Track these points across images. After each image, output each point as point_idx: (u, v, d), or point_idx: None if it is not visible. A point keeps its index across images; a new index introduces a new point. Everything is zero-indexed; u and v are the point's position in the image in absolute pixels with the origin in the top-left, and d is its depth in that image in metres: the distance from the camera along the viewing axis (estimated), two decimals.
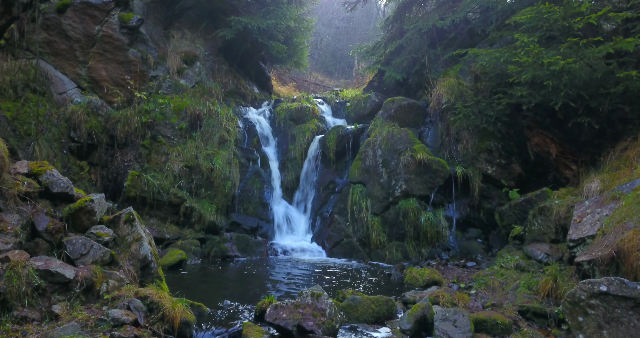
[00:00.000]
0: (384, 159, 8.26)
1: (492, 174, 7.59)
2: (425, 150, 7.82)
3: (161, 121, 9.70)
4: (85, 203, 4.95)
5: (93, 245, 4.70)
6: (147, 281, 5.14)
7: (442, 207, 7.81)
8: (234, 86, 12.55)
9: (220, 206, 9.38)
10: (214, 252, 8.01)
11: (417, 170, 7.74)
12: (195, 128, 9.99)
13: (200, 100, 10.47)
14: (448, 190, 7.81)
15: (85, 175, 9.20)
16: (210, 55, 12.25)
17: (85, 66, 10.11)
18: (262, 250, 8.29)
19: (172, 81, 10.67)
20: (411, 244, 7.51)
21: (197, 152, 9.60)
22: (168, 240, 8.36)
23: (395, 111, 8.98)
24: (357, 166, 8.87)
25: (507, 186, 7.51)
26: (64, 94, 9.85)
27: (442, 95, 8.28)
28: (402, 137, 8.14)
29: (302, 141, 10.49)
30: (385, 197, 8.00)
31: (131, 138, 9.39)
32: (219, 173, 9.38)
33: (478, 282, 5.26)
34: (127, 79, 9.59)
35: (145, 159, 9.34)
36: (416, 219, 7.50)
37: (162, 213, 8.89)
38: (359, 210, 8.31)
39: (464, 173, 7.62)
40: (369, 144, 8.76)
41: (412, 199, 7.66)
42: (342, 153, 9.94)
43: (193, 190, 9.25)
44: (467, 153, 7.77)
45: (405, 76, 10.21)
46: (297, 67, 15.45)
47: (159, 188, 8.72)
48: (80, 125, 9.02)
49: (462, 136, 7.82)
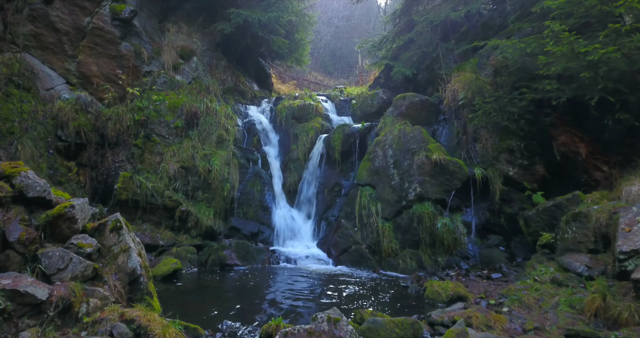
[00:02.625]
0: (396, 160, 7.67)
1: (514, 176, 7.00)
2: (441, 150, 7.23)
3: (155, 119, 9.08)
4: (64, 209, 4.32)
5: (72, 258, 4.08)
6: (136, 298, 4.52)
7: (460, 212, 7.21)
8: (232, 82, 11.95)
9: (218, 210, 8.77)
10: (211, 260, 7.39)
11: (432, 172, 7.15)
12: (191, 127, 9.37)
13: (197, 97, 9.86)
14: (465, 193, 7.22)
15: (74, 177, 8.56)
16: (208, 50, 11.64)
17: (75, 61, 9.49)
18: (264, 258, 7.67)
19: (167, 76, 10.05)
20: (427, 252, 6.91)
21: (194, 152, 8.99)
22: (162, 247, 7.74)
23: (407, 108, 8.38)
24: (366, 167, 8.27)
25: (530, 189, 6.93)
26: (52, 90, 9.21)
27: (458, 91, 7.70)
28: (416, 136, 7.54)
29: (306, 140, 9.89)
30: (398, 201, 7.40)
31: (123, 136, 8.77)
32: (217, 175, 8.77)
33: (510, 298, 4.66)
34: (119, 73, 8.96)
35: (138, 160, 8.71)
36: (432, 225, 6.91)
37: (156, 218, 8.26)
38: (368, 215, 7.70)
39: (483, 174, 7.03)
40: (379, 143, 8.17)
41: (427, 203, 7.07)
42: (348, 153, 9.35)
43: (189, 193, 8.64)
44: (486, 153, 7.18)
45: (415, 71, 9.62)
46: (298, 64, 14.87)
47: (153, 190, 8.10)
48: (67, 123, 8.38)
49: (480, 135, 7.23)
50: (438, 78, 8.87)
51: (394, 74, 10.01)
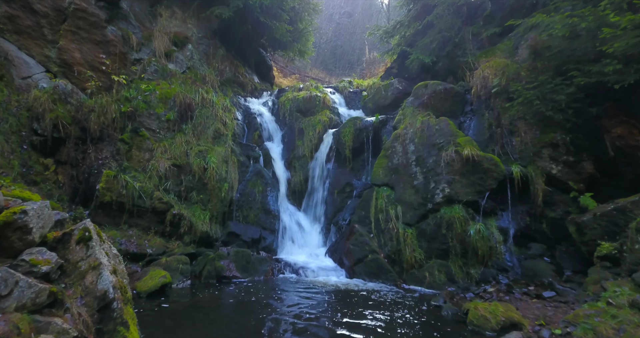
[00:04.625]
0: (418, 156, 6.70)
1: (557, 175, 6.03)
2: (472, 144, 6.26)
3: (144, 111, 8.10)
4: (13, 216, 3.34)
5: (19, 280, 3.10)
6: (107, 330, 3.55)
7: (494, 216, 6.23)
8: (231, 73, 10.96)
9: (215, 213, 7.79)
10: (207, 272, 6.41)
11: (463, 170, 6.18)
12: (185, 120, 8.39)
13: (192, 87, 8.88)
14: (500, 195, 6.25)
15: (51, 176, 7.55)
16: (204, 37, 10.65)
17: (55, 47, 8.48)
18: (267, 269, 6.69)
19: (158, 65, 9.06)
20: (457, 263, 5.94)
21: (188, 148, 8.01)
22: (150, 256, 6.75)
23: (429, 97, 7.41)
24: (382, 165, 7.29)
25: (576, 190, 5.96)
26: (29, 79, 8.20)
27: (489, 77, 6.73)
28: (442, 128, 6.57)
29: (312, 135, 8.91)
30: (422, 203, 6.43)
31: (107, 130, 7.78)
32: (213, 173, 7.79)
33: (581, 327, 3.69)
34: (102, 58, 7.96)
35: (125, 157, 7.73)
36: (463, 231, 5.94)
37: (144, 222, 7.27)
38: (387, 219, 6.73)
39: (522, 173, 6.06)
40: (398, 137, 7.19)
41: (457, 206, 6.10)
42: (359, 149, 8.38)
43: (182, 194, 7.65)
44: (525, 148, 6.21)
45: (435, 59, 8.66)
46: (301, 55, 13.90)
47: (140, 191, 7.11)
48: (44, 114, 7.38)
49: (518, 127, 6.26)
50: (462, 65, 7.91)
51: (409, 62, 9.04)
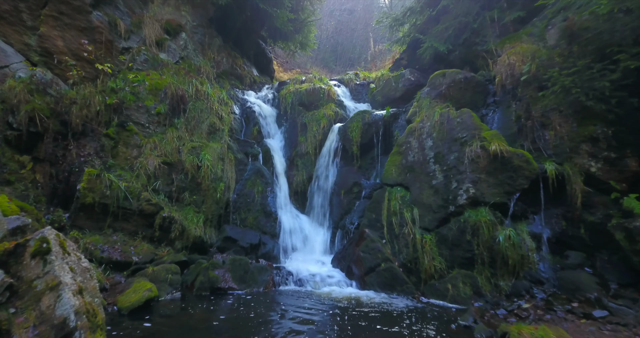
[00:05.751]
0: (437, 153, 5.97)
1: (597, 174, 5.30)
2: (500, 139, 5.53)
3: (132, 103, 7.37)
4: None
5: None
6: None
7: (525, 220, 5.51)
8: (228, 65, 10.23)
9: (209, 216, 7.06)
10: (199, 282, 5.68)
11: (489, 167, 5.46)
12: (177, 113, 7.66)
13: (185, 78, 8.14)
14: (532, 196, 5.53)
15: (28, 174, 6.81)
16: (200, 26, 9.91)
17: (36, 34, 7.75)
18: (267, 279, 5.96)
19: (148, 54, 8.33)
20: (484, 274, 5.21)
21: (180, 144, 7.28)
22: (136, 265, 6.02)
23: (447, 87, 6.68)
24: (395, 163, 6.57)
25: (618, 190, 5.24)
26: (6, 69, 7.46)
27: (515, 64, 6.01)
28: (465, 121, 5.84)
29: (316, 131, 8.19)
30: (442, 205, 5.70)
31: (91, 124, 7.05)
32: (207, 172, 7.06)
33: None
34: (85, 44, 7.23)
35: (110, 154, 7.00)
36: (490, 237, 5.21)
37: (130, 226, 6.54)
38: (401, 223, 6.01)
39: (557, 171, 5.34)
40: (413, 132, 6.46)
41: (484, 208, 5.37)
42: (368, 145, 7.65)
43: (173, 195, 6.93)
44: (560, 143, 5.49)
45: (451, 47, 7.93)
46: (302, 48, 13.17)
47: (126, 191, 6.38)
48: (19, 106, 6.65)
49: (551, 120, 5.53)
50: (480, 54, 7.20)
51: (422, 51, 8.31)
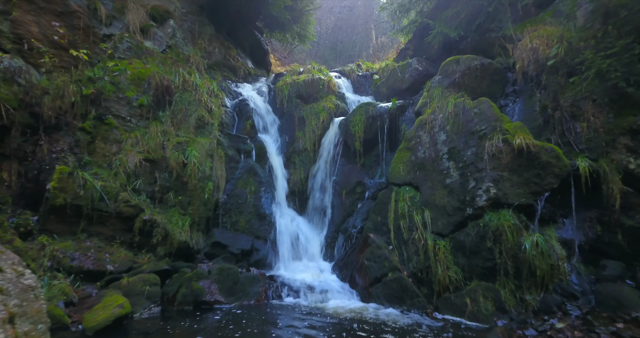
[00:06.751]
0: (452, 148, 5.29)
1: (636, 171, 4.62)
2: (525, 131, 4.84)
3: (112, 94, 6.67)
4: None
5: None
6: None
7: (554, 224, 4.81)
8: (221, 56, 9.53)
9: (196, 219, 6.38)
10: (181, 295, 4.99)
11: (513, 164, 4.77)
12: (162, 106, 6.97)
13: (172, 68, 7.45)
14: (561, 196, 4.84)
15: None
16: (190, 13, 9.22)
17: (8, 19, 7.03)
18: (258, 290, 5.27)
19: (132, 41, 7.63)
20: (508, 286, 4.53)
21: (164, 139, 6.59)
22: (111, 274, 5.34)
23: (462, 75, 5.99)
24: (403, 159, 5.88)
25: None
26: None
27: (539, 49, 5.32)
28: (483, 111, 5.14)
29: (315, 125, 7.50)
30: (458, 208, 5.01)
31: (65, 117, 6.35)
32: (194, 170, 6.38)
33: None
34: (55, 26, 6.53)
35: (86, 150, 6.30)
36: (515, 244, 4.53)
37: (107, 231, 5.85)
38: (410, 227, 5.32)
39: (591, 168, 4.65)
40: (423, 125, 5.77)
41: (507, 211, 4.68)
42: (372, 141, 6.97)
43: (156, 195, 6.24)
44: (594, 136, 4.80)
45: (463, 33, 7.24)
46: (300, 40, 12.47)
47: (102, 191, 5.69)
48: None
49: (583, 110, 4.85)
50: (495, 42, 6.51)
51: (430, 39, 7.62)
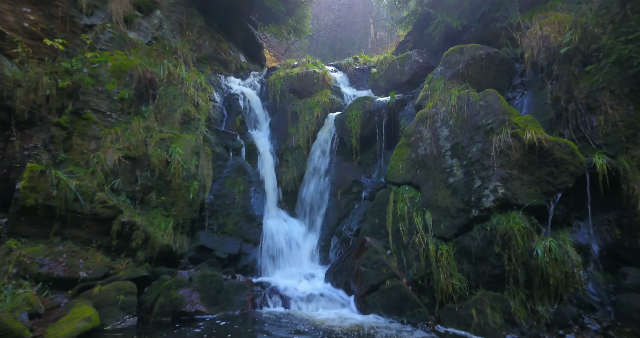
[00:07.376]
0: (455, 144, 4.86)
1: None
2: (536, 125, 4.41)
3: (91, 87, 6.23)
4: None
5: None
6: None
7: (568, 227, 4.39)
8: (211, 49, 9.09)
9: (180, 221, 5.94)
10: (159, 305, 4.56)
11: (523, 161, 4.34)
12: (145, 100, 6.53)
13: (157, 60, 7.01)
14: (575, 197, 4.41)
15: None
16: (178, 4, 8.77)
17: None
18: (245, 299, 4.83)
19: (115, 32, 7.18)
20: (517, 296, 4.10)
21: (147, 135, 6.15)
22: (84, 281, 4.90)
23: (466, 66, 5.55)
24: (403, 157, 5.45)
25: None
26: None
27: (550, 36, 4.89)
28: (490, 104, 4.71)
29: (309, 121, 7.06)
30: (463, 209, 4.58)
31: (39, 112, 5.91)
32: (179, 168, 5.94)
33: None
34: (26, 12, 6.10)
35: (62, 146, 5.86)
36: (526, 249, 4.10)
37: (82, 234, 5.41)
38: (410, 230, 4.89)
39: (610, 165, 4.22)
40: (424, 119, 5.34)
41: (516, 213, 4.25)
42: (370, 138, 6.54)
43: (137, 195, 5.80)
44: (613, 130, 4.37)
45: (466, 22, 6.81)
46: (296, 34, 12.04)
47: (77, 191, 5.25)
48: None
49: (601, 102, 4.42)
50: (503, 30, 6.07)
51: (431, 29, 7.19)
